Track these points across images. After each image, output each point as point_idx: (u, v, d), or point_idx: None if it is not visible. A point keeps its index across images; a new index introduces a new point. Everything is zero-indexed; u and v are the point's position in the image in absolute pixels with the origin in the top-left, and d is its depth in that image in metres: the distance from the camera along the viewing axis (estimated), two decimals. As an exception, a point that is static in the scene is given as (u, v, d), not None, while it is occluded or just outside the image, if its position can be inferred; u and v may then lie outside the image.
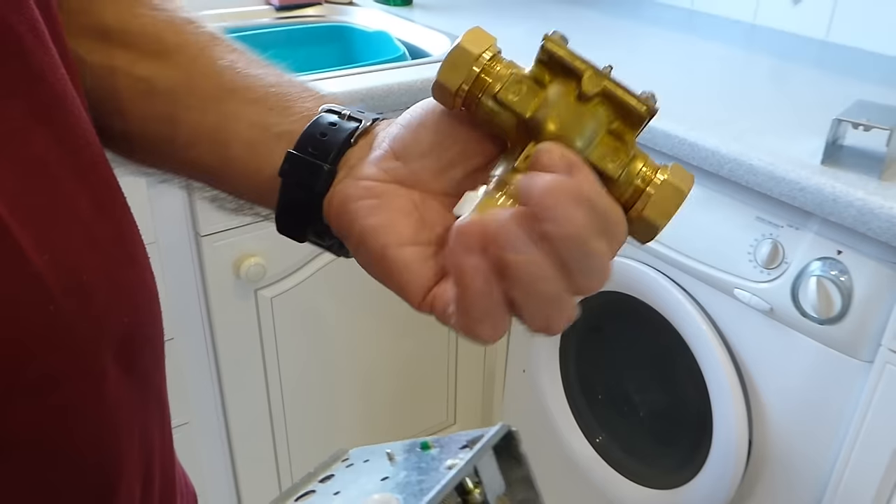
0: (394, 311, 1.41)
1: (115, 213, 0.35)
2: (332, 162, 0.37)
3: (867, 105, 0.98)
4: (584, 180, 0.29)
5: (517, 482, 0.31)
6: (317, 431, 1.43)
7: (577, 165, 0.29)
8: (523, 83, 0.33)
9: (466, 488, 0.29)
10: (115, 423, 0.34)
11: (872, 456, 0.95)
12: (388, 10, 1.62)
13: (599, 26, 1.57)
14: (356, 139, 0.37)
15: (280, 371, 1.32)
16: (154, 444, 0.38)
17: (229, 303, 1.21)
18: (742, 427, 1.11)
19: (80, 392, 0.32)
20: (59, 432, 0.31)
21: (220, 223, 1.14)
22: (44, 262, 0.29)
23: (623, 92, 0.32)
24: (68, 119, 0.33)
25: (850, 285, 0.92)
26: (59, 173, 0.32)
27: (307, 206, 0.37)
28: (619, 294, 1.25)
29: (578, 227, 0.28)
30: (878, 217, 0.86)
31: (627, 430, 1.39)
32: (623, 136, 0.32)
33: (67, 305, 0.30)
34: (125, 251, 0.36)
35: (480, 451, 0.29)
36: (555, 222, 0.27)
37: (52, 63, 0.32)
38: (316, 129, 0.38)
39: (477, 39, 0.34)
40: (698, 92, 1.19)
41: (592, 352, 1.41)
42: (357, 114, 0.38)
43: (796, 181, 0.92)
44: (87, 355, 0.32)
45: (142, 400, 0.37)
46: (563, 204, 0.27)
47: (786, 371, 1.04)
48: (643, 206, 0.32)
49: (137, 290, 0.36)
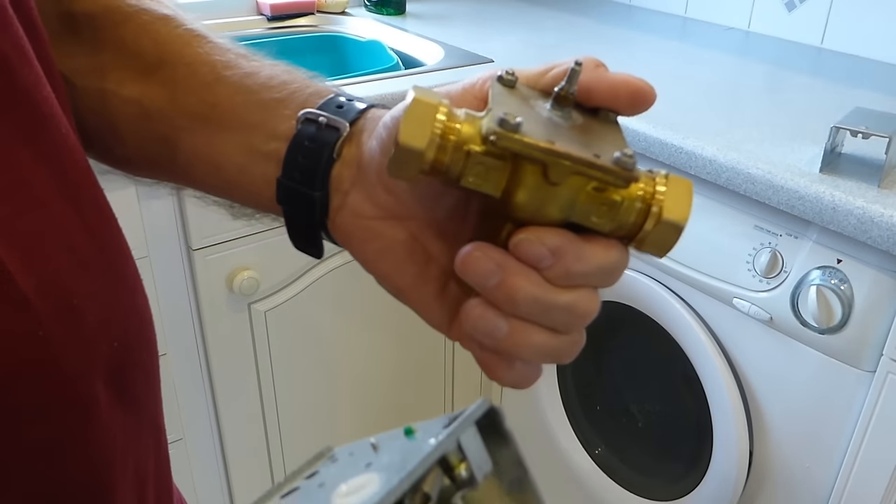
0: (389, 323, 1.40)
1: (104, 234, 0.34)
2: (321, 188, 0.36)
3: (865, 112, 0.98)
4: (554, 276, 0.31)
5: (506, 462, 0.30)
6: (312, 446, 1.41)
7: (549, 259, 0.30)
8: (484, 163, 0.29)
9: (451, 464, 0.28)
10: (108, 453, 0.33)
11: (875, 467, 0.94)
12: (381, 19, 1.62)
13: (593, 34, 1.57)
14: (339, 152, 0.36)
15: (275, 386, 1.30)
16: (148, 473, 0.37)
17: (222, 317, 1.19)
18: (743, 438, 1.09)
19: (71, 421, 0.31)
20: (48, 464, 0.30)
21: (213, 237, 1.12)
22: (31, 287, 0.28)
23: (596, 171, 0.28)
24: (55, 139, 0.32)
25: (850, 294, 0.91)
26: (46, 194, 0.31)
27: (312, 227, 0.37)
28: (618, 304, 1.24)
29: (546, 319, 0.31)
30: (877, 225, 0.85)
31: (626, 442, 1.37)
32: (606, 188, 0.30)
33: (56, 330, 0.29)
34: (115, 273, 0.35)
35: (462, 425, 0.28)
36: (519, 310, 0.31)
37: (38, 82, 0.31)
38: (298, 151, 0.36)
39: (421, 118, 0.29)
40: (694, 100, 1.18)
41: (590, 362, 1.40)
42: (336, 119, 0.36)
43: (795, 190, 0.91)
44: (77, 382, 0.30)
45: (135, 427, 0.35)
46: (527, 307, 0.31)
47: (786, 381, 1.02)
48: (652, 225, 0.30)
49: (128, 313, 0.35)
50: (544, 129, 0.29)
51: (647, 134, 1.07)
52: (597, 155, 0.28)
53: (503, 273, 0.30)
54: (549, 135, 0.29)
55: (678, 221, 0.30)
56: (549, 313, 0.31)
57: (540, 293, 0.30)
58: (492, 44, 1.44)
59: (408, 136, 0.29)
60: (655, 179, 0.30)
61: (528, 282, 0.30)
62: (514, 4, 1.78)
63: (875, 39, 1.42)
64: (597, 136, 0.30)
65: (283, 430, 1.35)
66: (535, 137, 0.28)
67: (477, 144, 0.29)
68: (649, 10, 1.79)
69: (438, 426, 0.29)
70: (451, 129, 0.30)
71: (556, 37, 1.53)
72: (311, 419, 1.39)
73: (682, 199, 0.30)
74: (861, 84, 1.29)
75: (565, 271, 0.30)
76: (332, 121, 0.36)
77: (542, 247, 0.30)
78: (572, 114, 0.31)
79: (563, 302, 0.30)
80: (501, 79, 0.32)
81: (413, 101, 0.29)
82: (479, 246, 0.30)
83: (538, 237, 0.30)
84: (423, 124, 0.29)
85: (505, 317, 0.31)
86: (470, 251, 0.30)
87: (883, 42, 1.41)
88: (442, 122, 0.29)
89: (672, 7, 1.75)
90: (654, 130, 1.06)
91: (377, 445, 0.31)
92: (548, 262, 0.30)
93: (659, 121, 1.08)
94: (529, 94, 0.32)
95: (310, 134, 0.36)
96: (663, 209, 0.30)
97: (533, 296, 0.30)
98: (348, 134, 0.36)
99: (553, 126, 0.30)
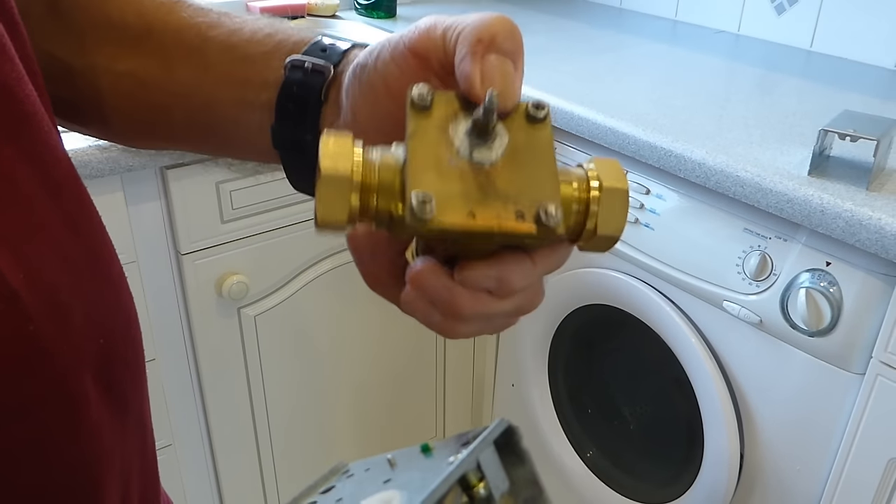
0: (380, 327, 1.39)
1: (88, 231, 0.34)
2: (312, 130, 0.38)
3: (854, 115, 0.98)
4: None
5: (521, 480, 0.30)
6: (303, 452, 1.41)
7: (495, 285, 0.31)
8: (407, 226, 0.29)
9: (470, 483, 0.28)
10: (95, 449, 0.33)
11: (866, 469, 0.94)
12: (371, 22, 1.61)
13: (583, 37, 1.57)
14: (326, 94, 0.38)
15: (265, 391, 1.30)
16: (133, 472, 0.37)
17: (212, 322, 1.18)
18: (733, 440, 1.09)
19: (60, 416, 0.31)
20: (37, 459, 0.30)
21: (201, 241, 1.12)
22: (20, 282, 0.28)
23: (519, 237, 0.28)
24: (37, 136, 0.32)
25: (839, 297, 0.91)
26: (30, 191, 0.30)
27: (309, 169, 0.39)
28: (608, 307, 1.24)
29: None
30: (866, 228, 0.85)
31: (618, 445, 1.37)
32: None
33: (46, 326, 0.29)
34: (100, 270, 0.35)
35: (482, 444, 0.28)
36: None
37: (20, 79, 0.31)
38: (287, 98, 0.38)
39: (334, 194, 0.28)
40: (684, 103, 1.18)
41: (582, 365, 1.40)
42: (320, 63, 0.38)
43: (784, 193, 0.91)
44: (67, 378, 0.31)
45: (121, 425, 0.35)
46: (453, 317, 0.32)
47: (777, 384, 1.02)
48: (594, 225, 0.30)
49: (114, 311, 0.35)
50: (462, 190, 0.28)
51: (636, 137, 1.07)
52: (520, 213, 0.28)
53: (450, 294, 0.31)
54: (468, 192, 0.27)
55: (614, 234, 0.30)
56: (492, 318, 0.32)
57: (485, 309, 0.31)
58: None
59: (325, 214, 0.28)
60: (588, 174, 0.30)
61: (473, 301, 0.31)
62: (504, 8, 1.78)
63: (864, 42, 1.42)
64: (523, 166, 0.29)
65: (273, 435, 1.35)
66: (452, 213, 0.27)
67: (397, 202, 0.28)
68: (639, 13, 1.79)
69: (455, 444, 0.30)
70: (370, 193, 0.28)
71: (546, 40, 1.53)
72: (302, 424, 1.39)
73: (615, 207, 0.30)
74: (850, 87, 1.30)
75: (510, 289, 0.31)
76: (316, 65, 0.38)
77: (488, 279, 0.30)
78: (494, 140, 0.29)
79: (506, 308, 0.32)
80: (413, 103, 0.29)
81: (321, 179, 0.28)
82: (429, 269, 0.31)
83: (483, 273, 0.30)
84: (337, 203, 0.28)
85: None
86: (420, 271, 0.31)
87: (871, 45, 1.41)
88: (359, 189, 0.28)
89: (662, 10, 1.75)
90: (643, 133, 1.06)
91: (394, 462, 0.32)
92: (494, 288, 0.31)
93: (648, 124, 1.08)
94: (447, 115, 0.30)
95: (297, 80, 0.38)
96: (598, 223, 0.30)
97: (476, 311, 0.31)
98: (333, 76, 0.38)
99: (473, 172, 0.28)
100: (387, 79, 0.34)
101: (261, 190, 1.13)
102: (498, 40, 0.31)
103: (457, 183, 0.28)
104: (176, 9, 0.41)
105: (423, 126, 0.29)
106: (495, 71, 0.30)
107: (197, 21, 0.41)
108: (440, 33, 0.33)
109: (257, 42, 0.40)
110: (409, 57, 0.34)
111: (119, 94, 0.41)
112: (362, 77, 0.35)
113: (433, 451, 0.30)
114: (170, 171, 1.05)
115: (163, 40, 0.41)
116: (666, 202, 1.10)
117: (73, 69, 0.41)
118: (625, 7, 1.82)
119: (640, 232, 1.13)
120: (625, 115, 1.11)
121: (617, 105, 1.15)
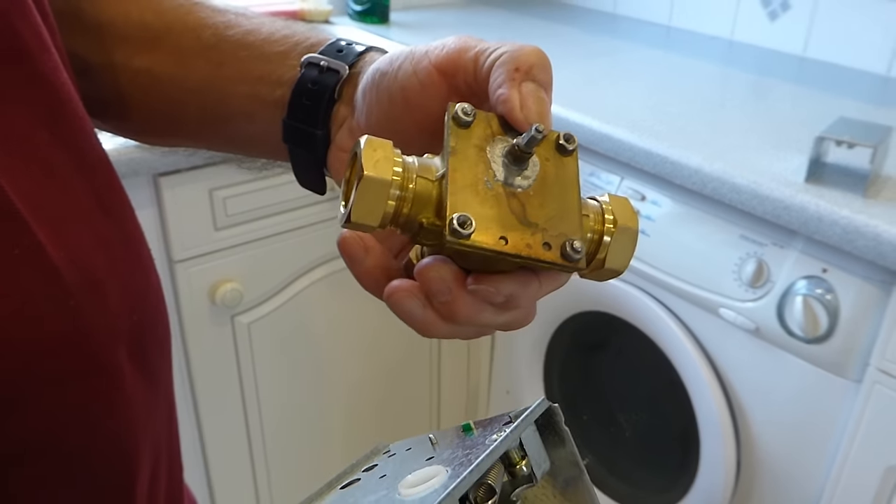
0: (374, 335, 1.38)
1: (120, 214, 0.36)
2: (322, 126, 0.39)
3: (850, 122, 0.98)
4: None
5: (561, 460, 0.31)
6: (297, 459, 1.40)
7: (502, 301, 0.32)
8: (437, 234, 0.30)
9: (513, 460, 0.29)
10: (131, 422, 0.35)
11: (863, 478, 0.94)
12: (364, 28, 1.61)
13: (577, 42, 1.57)
14: (339, 93, 0.39)
15: (259, 399, 1.29)
16: (162, 447, 0.39)
17: (205, 329, 1.17)
18: (730, 448, 1.09)
19: (99, 388, 0.32)
20: (77, 431, 0.32)
21: (195, 248, 1.11)
22: (61, 259, 0.30)
23: (544, 265, 0.30)
24: (72, 122, 0.33)
25: (836, 304, 0.91)
26: (66, 174, 0.32)
27: (316, 165, 0.40)
28: (604, 314, 1.23)
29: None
30: (863, 235, 0.85)
31: (614, 452, 1.37)
32: None
33: (84, 301, 0.31)
34: (131, 251, 0.36)
35: (524, 423, 0.29)
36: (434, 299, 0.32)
37: (56, 68, 0.33)
38: (302, 93, 0.39)
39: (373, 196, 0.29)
40: (679, 109, 1.18)
41: (577, 372, 1.39)
42: (336, 62, 0.39)
43: (780, 199, 0.91)
44: (104, 351, 0.32)
45: (153, 399, 0.37)
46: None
47: (773, 391, 1.02)
48: (603, 258, 0.32)
49: (144, 289, 0.37)
50: (497, 213, 0.29)
51: (632, 143, 1.07)
52: (547, 244, 0.29)
53: (452, 296, 0.31)
54: (502, 220, 0.29)
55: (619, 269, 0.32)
56: (479, 328, 0.33)
57: (480, 319, 0.32)
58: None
59: (359, 216, 0.29)
60: (602, 207, 0.32)
61: (472, 309, 0.31)
62: (499, 14, 1.78)
63: (857, 48, 1.43)
64: (551, 197, 0.30)
65: (267, 443, 1.34)
66: (487, 234, 0.28)
67: (429, 215, 0.30)
68: (634, 19, 1.79)
69: (496, 424, 0.30)
70: (403, 206, 0.30)
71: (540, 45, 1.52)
72: (296, 432, 1.38)
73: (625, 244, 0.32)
74: (844, 93, 1.30)
75: (514, 306, 0.32)
76: (332, 64, 0.39)
77: (499, 295, 0.31)
78: (527, 167, 0.31)
79: (498, 322, 0.33)
80: (457, 118, 0.30)
81: (364, 181, 0.29)
82: (439, 267, 0.31)
83: (496, 288, 0.31)
84: (375, 205, 0.29)
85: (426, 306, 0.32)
86: (430, 266, 0.31)
87: (865, 51, 1.42)
88: (395, 198, 0.29)
89: (656, 16, 1.75)
90: (639, 140, 1.06)
91: (435, 441, 0.32)
92: (500, 302, 0.31)
93: (644, 130, 1.08)
94: (486, 135, 0.31)
95: (312, 77, 0.39)
96: (608, 256, 0.32)
97: (472, 319, 0.32)
98: (348, 75, 0.39)
99: (507, 197, 0.30)
100: (406, 90, 0.35)
101: (254, 197, 1.12)
102: (534, 70, 0.33)
103: (492, 206, 0.29)
104: (194, 9, 0.43)
105: (463, 144, 0.30)
106: (533, 99, 0.31)
107: (215, 21, 0.42)
108: (472, 55, 0.34)
109: (274, 41, 0.41)
110: (434, 73, 0.34)
111: (136, 90, 0.43)
112: (381, 84, 0.36)
113: (475, 431, 0.31)
114: (163, 179, 1.04)
115: (180, 39, 0.42)
116: (662, 208, 1.09)
117: (91, 65, 0.42)
118: (618, 12, 1.83)
119: (636, 238, 1.13)
120: (621, 121, 1.11)
121: (612, 111, 1.15)
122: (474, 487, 0.27)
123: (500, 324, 0.33)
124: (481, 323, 0.32)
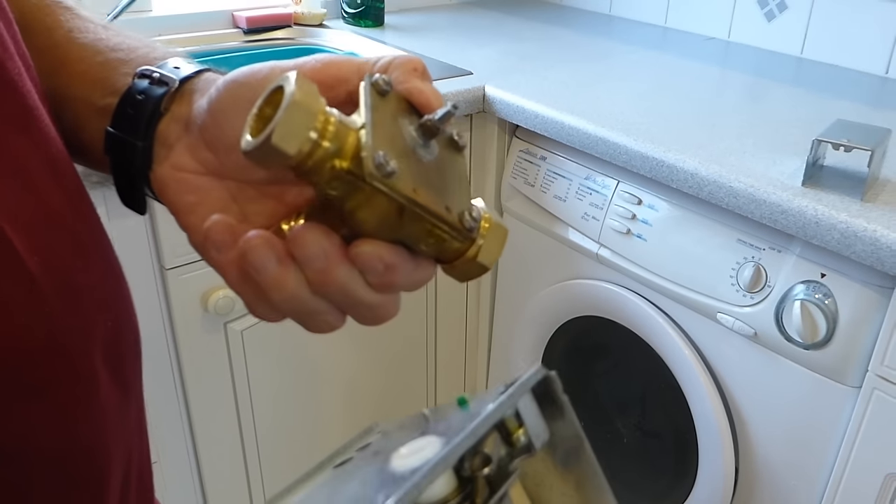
0: (370, 339, 1.37)
1: (91, 220, 0.36)
2: (144, 138, 0.37)
3: (847, 125, 0.97)
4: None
5: (561, 433, 0.30)
6: (292, 467, 1.39)
7: (381, 272, 0.32)
8: (345, 181, 0.30)
9: (510, 430, 0.28)
10: (105, 430, 0.35)
11: (863, 484, 0.93)
12: (359, 31, 1.60)
13: (572, 44, 1.55)
14: (166, 106, 0.37)
15: (252, 406, 1.27)
16: (133, 455, 0.39)
17: (198, 337, 1.16)
18: (728, 454, 1.08)
19: (74, 396, 0.32)
20: (53, 436, 0.32)
21: (186, 256, 1.10)
22: (35, 265, 0.30)
23: (445, 226, 0.31)
24: (41, 128, 0.33)
25: (834, 309, 0.90)
26: (40, 179, 0.32)
27: (137, 181, 0.38)
28: (601, 319, 1.22)
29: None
30: (861, 240, 0.84)
31: (611, 458, 1.36)
32: None
33: (61, 308, 0.31)
34: (103, 257, 0.36)
35: (520, 389, 0.28)
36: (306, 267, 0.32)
37: (20, 74, 0.33)
38: (127, 102, 0.38)
39: (298, 123, 0.29)
40: (675, 111, 1.17)
41: (574, 377, 1.38)
42: (168, 75, 0.37)
43: (777, 203, 0.90)
44: (80, 359, 0.32)
45: (125, 407, 0.37)
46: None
47: (772, 397, 1.01)
48: (476, 251, 0.33)
49: (116, 295, 0.37)
50: (409, 168, 0.30)
51: (627, 147, 1.05)
52: (448, 207, 0.31)
53: (327, 262, 0.31)
54: (414, 175, 0.30)
55: (488, 264, 0.33)
56: (356, 307, 0.33)
57: (348, 290, 0.32)
58: (470, 55, 1.43)
59: (280, 138, 0.28)
60: (481, 208, 0.34)
61: (346, 278, 0.31)
62: (493, 16, 1.77)
63: (854, 49, 1.42)
64: (448, 176, 0.32)
65: (261, 450, 1.33)
66: (403, 181, 0.29)
67: (344, 161, 0.29)
68: (629, 20, 1.78)
69: (492, 396, 0.29)
70: (322, 141, 0.29)
71: (535, 48, 1.51)
72: (290, 439, 1.37)
73: (496, 242, 0.33)
74: (841, 94, 1.29)
75: (389, 283, 0.32)
76: (164, 76, 0.37)
77: (380, 262, 0.31)
78: (432, 143, 0.32)
79: (370, 301, 0.32)
80: (377, 85, 0.31)
81: (292, 103, 0.28)
82: (315, 229, 0.31)
83: (378, 254, 0.31)
84: (298, 130, 0.28)
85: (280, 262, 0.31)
86: (305, 230, 0.31)
87: (862, 52, 1.41)
88: (318, 130, 0.29)
89: (652, 17, 1.74)
90: (635, 143, 1.05)
91: (429, 416, 0.32)
92: (378, 274, 0.31)
93: (640, 133, 1.06)
94: (397, 109, 0.32)
95: (141, 88, 0.38)
96: (481, 250, 0.33)
97: (341, 288, 0.31)
98: (180, 92, 0.37)
99: (416, 161, 0.31)
100: None
101: (247, 203, 1.11)
102: (426, 71, 0.35)
103: (406, 161, 0.30)
104: (57, 11, 0.42)
105: (381, 106, 0.31)
106: (435, 92, 0.34)
107: (70, 24, 0.41)
108: (355, 66, 0.35)
109: (119, 50, 0.40)
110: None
111: None
112: (238, 93, 0.35)
113: (470, 405, 0.30)
114: (153, 185, 1.03)
115: (33, 37, 0.40)
116: (658, 213, 1.08)
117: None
118: (614, 14, 1.82)
119: (633, 243, 1.12)
120: (616, 124, 1.10)
121: (607, 114, 1.14)
122: (470, 455, 0.26)
123: (365, 304, 0.32)
124: (348, 298, 0.32)
